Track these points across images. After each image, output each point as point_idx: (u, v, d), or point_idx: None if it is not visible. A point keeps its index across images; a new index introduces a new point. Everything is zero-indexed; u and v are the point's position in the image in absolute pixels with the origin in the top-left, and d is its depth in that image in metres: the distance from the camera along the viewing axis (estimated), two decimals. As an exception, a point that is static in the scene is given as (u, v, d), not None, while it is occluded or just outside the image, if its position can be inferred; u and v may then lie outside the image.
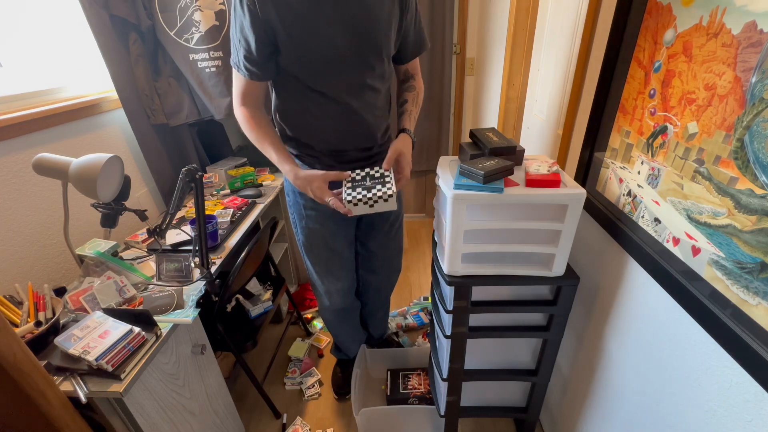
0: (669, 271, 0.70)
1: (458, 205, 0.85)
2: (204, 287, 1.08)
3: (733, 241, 0.57)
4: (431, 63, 2.36)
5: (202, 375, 1.11)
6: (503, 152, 0.95)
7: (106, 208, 1.05)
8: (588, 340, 1.05)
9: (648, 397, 0.81)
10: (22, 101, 1.17)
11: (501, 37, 1.76)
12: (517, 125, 1.72)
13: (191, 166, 0.98)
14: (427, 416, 1.40)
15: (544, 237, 0.92)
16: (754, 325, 0.54)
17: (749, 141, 0.53)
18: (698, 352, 0.66)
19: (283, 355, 1.79)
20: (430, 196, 2.87)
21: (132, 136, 1.47)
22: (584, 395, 1.08)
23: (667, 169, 0.70)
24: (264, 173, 1.83)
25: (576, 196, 0.83)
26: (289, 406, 1.56)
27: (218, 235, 1.27)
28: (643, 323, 0.81)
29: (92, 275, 1.07)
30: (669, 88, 0.69)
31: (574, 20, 1.12)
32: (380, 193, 0.91)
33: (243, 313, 1.47)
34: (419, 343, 1.81)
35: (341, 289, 1.37)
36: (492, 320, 1.07)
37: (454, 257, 0.93)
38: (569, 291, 0.96)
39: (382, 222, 1.33)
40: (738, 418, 0.58)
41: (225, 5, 1.46)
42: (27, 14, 1.22)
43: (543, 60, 1.44)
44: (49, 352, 0.85)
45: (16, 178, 1.08)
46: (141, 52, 1.44)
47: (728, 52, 0.56)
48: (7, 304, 0.90)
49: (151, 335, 0.88)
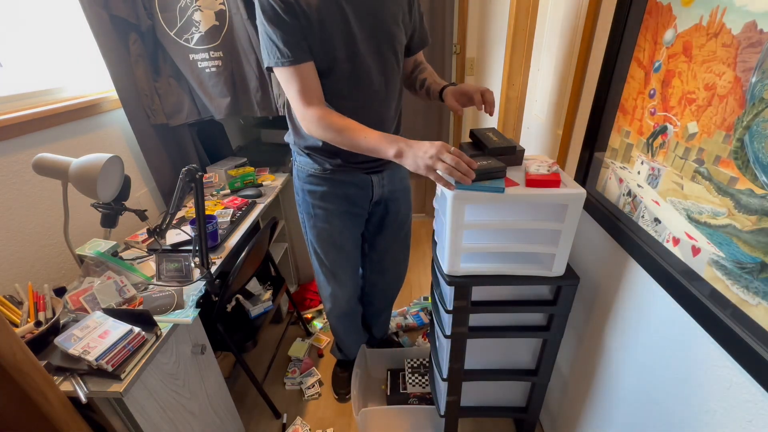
0: (669, 271, 0.70)
1: (458, 205, 0.85)
2: (204, 287, 1.08)
3: (733, 241, 0.57)
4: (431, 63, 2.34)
5: (202, 375, 1.11)
6: (503, 152, 0.95)
7: (106, 208, 1.05)
8: (588, 340, 1.05)
9: (648, 397, 0.81)
10: (22, 101, 1.17)
11: (501, 37, 1.76)
12: (517, 125, 1.72)
13: (191, 166, 0.98)
14: (427, 416, 1.40)
15: (544, 237, 0.92)
16: (754, 325, 0.54)
17: (749, 141, 0.53)
18: (698, 352, 0.66)
19: (283, 355, 1.79)
20: (430, 196, 2.87)
21: (132, 136, 1.47)
22: (584, 395, 1.08)
23: (667, 169, 0.70)
24: (264, 173, 1.83)
25: (576, 196, 0.83)
26: (289, 406, 1.56)
27: (218, 235, 1.27)
28: (643, 323, 0.81)
29: (92, 275, 1.07)
30: (669, 88, 0.69)
31: (574, 20, 1.12)
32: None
33: (243, 313, 1.47)
34: (419, 343, 1.81)
35: (345, 294, 1.38)
36: (492, 320, 1.07)
37: (454, 257, 0.93)
38: (569, 291, 0.96)
39: (391, 221, 1.33)
40: (738, 418, 0.58)
41: (225, 5, 1.46)
42: (27, 14, 1.22)
43: (543, 60, 1.43)
44: (49, 352, 0.85)
45: (16, 178, 1.08)
46: (141, 52, 1.44)
47: (728, 52, 0.56)
48: (7, 304, 0.90)
49: (151, 335, 0.88)
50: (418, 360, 1.61)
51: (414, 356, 1.63)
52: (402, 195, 1.31)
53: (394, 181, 1.26)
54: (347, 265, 1.33)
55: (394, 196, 1.29)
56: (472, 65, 2.37)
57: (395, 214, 1.32)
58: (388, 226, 1.34)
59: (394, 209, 1.31)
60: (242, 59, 1.54)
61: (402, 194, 1.31)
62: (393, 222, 1.33)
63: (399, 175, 1.27)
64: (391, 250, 1.42)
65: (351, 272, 1.36)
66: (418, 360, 1.61)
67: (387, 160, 0.89)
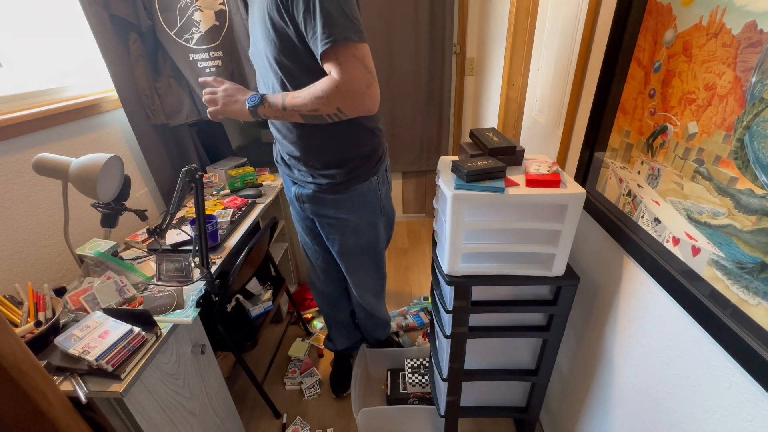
0: (669, 271, 0.70)
1: (458, 205, 0.85)
2: (204, 287, 1.08)
3: (733, 241, 0.57)
4: (431, 63, 2.36)
5: (202, 375, 1.11)
6: (503, 152, 0.95)
7: (106, 208, 1.05)
8: (588, 340, 1.05)
9: (648, 397, 0.81)
10: (22, 101, 1.17)
11: (501, 37, 1.76)
12: (517, 125, 1.72)
13: (191, 166, 0.98)
14: (427, 416, 1.40)
15: (544, 237, 0.92)
16: (754, 325, 0.54)
17: (749, 141, 0.53)
18: (698, 352, 0.66)
19: (283, 355, 1.79)
20: (430, 196, 2.87)
21: (132, 136, 1.47)
22: (584, 395, 1.08)
23: (666, 169, 0.70)
24: (264, 173, 1.83)
25: (576, 196, 0.83)
26: (289, 406, 1.56)
27: (218, 235, 1.27)
28: (643, 323, 0.81)
29: (92, 275, 1.07)
30: (669, 88, 0.69)
31: (574, 20, 1.12)
32: None
33: (243, 313, 1.47)
34: (419, 343, 1.81)
35: (315, 266, 1.44)
36: (492, 320, 1.07)
37: (454, 257, 0.93)
38: (569, 291, 0.96)
39: (334, 249, 1.28)
40: (738, 418, 0.58)
41: (225, 5, 1.46)
42: (27, 14, 1.22)
43: (543, 60, 1.44)
44: (49, 352, 0.85)
45: (16, 178, 1.08)
46: (141, 52, 1.44)
47: (728, 52, 0.56)
48: (7, 304, 0.90)
49: (151, 335, 0.88)
50: (418, 360, 1.61)
51: (414, 356, 1.63)
52: (336, 224, 1.19)
53: (318, 205, 1.16)
54: (310, 244, 1.38)
55: (324, 222, 1.21)
56: (472, 65, 2.37)
57: (332, 243, 1.25)
58: (336, 252, 1.29)
59: (330, 237, 1.24)
60: (242, 59, 1.54)
61: (336, 223, 1.19)
62: (336, 251, 1.28)
63: (333, 203, 1.14)
64: (350, 275, 1.37)
65: (316, 255, 1.40)
66: (418, 360, 1.61)
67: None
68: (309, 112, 0.89)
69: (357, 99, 0.85)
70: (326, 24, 0.79)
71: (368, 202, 1.17)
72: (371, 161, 1.12)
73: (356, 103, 0.86)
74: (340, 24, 0.80)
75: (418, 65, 2.37)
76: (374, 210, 1.20)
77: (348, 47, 0.81)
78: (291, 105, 0.90)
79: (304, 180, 1.14)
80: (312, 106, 0.88)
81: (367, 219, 1.20)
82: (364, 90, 0.84)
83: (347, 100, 0.86)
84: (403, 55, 2.34)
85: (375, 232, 1.25)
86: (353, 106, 0.87)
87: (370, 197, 1.16)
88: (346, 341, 1.64)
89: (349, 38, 0.80)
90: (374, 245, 1.28)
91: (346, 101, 0.86)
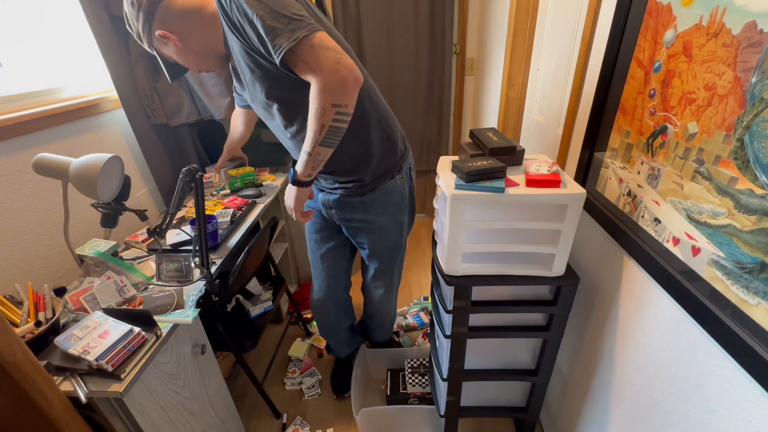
0: (669, 271, 0.70)
1: (458, 205, 0.85)
2: (204, 287, 1.08)
3: (733, 241, 0.57)
4: (431, 63, 2.36)
5: (202, 375, 1.11)
6: (503, 152, 0.95)
7: (106, 208, 1.05)
8: (588, 340, 1.05)
9: (648, 397, 0.81)
10: (22, 101, 1.16)
11: (501, 37, 1.76)
12: (517, 125, 1.72)
13: (191, 166, 0.98)
14: (427, 416, 1.40)
15: (544, 237, 0.92)
16: (754, 325, 0.54)
17: (749, 141, 0.53)
18: (698, 352, 0.66)
19: (283, 355, 1.79)
20: (430, 196, 2.87)
21: (132, 136, 1.47)
22: (584, 395, 1.08)
23: (666, 169, 0.70)
24: (264, 173, 1.83)
25: (576, 196, 0.83)
26: (289, 406, 1.56)
27: (218, 235, 1.27)
28: (643, 323, 0.81)
29: (92, 275, 1.07)
30: (669, 88, 0.69)
31: (574, 20, 1.12)
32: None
33: (243, 313, 1.47)
34: (419, 343, 1.81)
35: (315, 285, 1.45)
36: (492, 320, 1.07)
37: (453, 257, 0.93)
38: (569, 291, 0.96)
39: (360, 246, 1.34)
40: (738, 418, 0.58)
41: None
42: (27, 14, 1.22)
43: (543, 60, 1.44)
44: (49, 352, 0.85)
45: (16, 178, 1.08)
46: (141, 52, 1.44)
47: (728, 52, 0.56)
48: (7, 304, 0.90)
49: (151, 335, 0.88)
50: (418, 360, 1.61)
51: (414, 356, 1.63)
52: (365, 227, 1.22)
53: (345, 209, 1.19)
54: (319, 262, 1.38)
55: (351, 226, 1.24)
56: (472, 65, 2.37)
57: (362, 245, 1.31)
58: (366, 255, 1.35)
59: (359, 240, 1.29)
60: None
61: (365, 226, 1.22)
62: (366, 255, 1.34)
63: (360, 206, 1.18)
64: (370, 279, 1.43)
65: (321, 269, 1.40)
66: (418, 360, 1.61)
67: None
68: (324, 133, 0.88)
69: (340, 83, 0.83)
70: (274, 37, 0.80)
71: (394, 201, 1.20)
72: (393, 159, 1.15)
73: (341, 86, 0.84)
74: (285, 30, 0.80)
75: (418, 65, 2.37)
76: (400, 209, 1.23)
77: (303, 43, 0.81)
78: (310, 145, 0.90)
79: (330, 187, 1.18)
80: (319, 125, 0.86)
81: (394, 218, 1.24)
82: (337, 68, 0.82)
83: (336, 91, 0.84)
84: (403, 55, 2.34)
85: (401, 232, 1.30)
86: (341, 90, 0.84)
87: (395, 195, 1.19)
88: (347, 349, 1.63)
89: (298, 37, 0.80)
90: (400, 244, 1.33)
91: (336, 92, 0.84)
